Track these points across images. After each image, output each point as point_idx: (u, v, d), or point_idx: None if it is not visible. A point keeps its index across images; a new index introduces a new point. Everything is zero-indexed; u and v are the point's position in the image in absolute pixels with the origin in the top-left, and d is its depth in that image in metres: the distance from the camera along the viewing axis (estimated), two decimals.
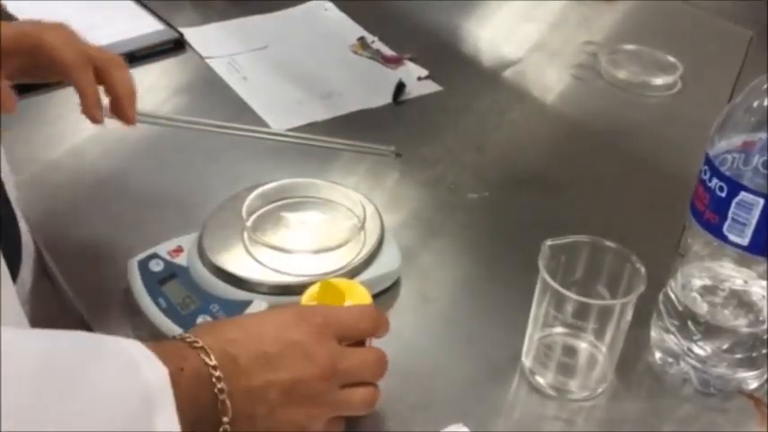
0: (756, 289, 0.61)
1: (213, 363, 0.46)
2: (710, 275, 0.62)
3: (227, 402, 0.46)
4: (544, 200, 0.82)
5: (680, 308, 0.62)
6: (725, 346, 0.60)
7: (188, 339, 0.47)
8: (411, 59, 1.04)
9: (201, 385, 0.46)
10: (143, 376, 0.42)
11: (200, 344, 0.47)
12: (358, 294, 0.58)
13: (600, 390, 0.61)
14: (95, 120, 0.67)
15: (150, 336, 0.61)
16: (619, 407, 0.61)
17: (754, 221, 0.54)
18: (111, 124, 0.80)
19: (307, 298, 0.58)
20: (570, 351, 0.62)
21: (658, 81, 1.02)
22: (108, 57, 0.67)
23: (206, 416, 0.46)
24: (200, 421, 0.45)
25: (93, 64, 0.66)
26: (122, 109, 0.68)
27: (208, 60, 1.03)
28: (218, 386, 0.46)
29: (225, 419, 0.46)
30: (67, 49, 0.65)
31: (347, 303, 0.57)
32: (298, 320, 0.51)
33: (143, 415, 0.41)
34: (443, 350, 0.65)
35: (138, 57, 1.01)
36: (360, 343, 0.56)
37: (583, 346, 0.62)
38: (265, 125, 0.91)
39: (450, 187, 0.83)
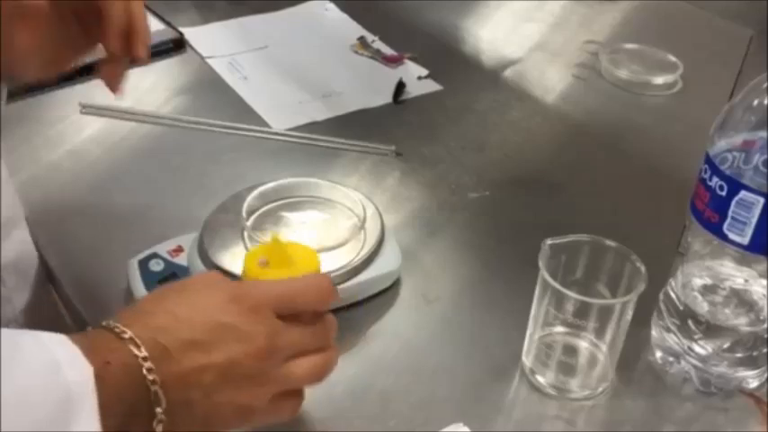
0: (757, 288, 0.61)
1: (143, 354, 0.44)
2: (711, 274, 0.62)
3: (160, 392, 0.45)
4: (545, 199, 0.82)
5: (680, 307, 0.62)
6: (725, 345, 0.60)
7: (116, 330, 0.45)
8: (411, 59, 1.04)
9: (131, 377, 0.44)
10: (63, 377, 0.41)
11: (129, 334, 0.45)
12: (306, 260, 0.55)
13: (600, 389, 0.61)
14: (116, 73, 0.65)
15: None
16: (619, 406, 0.61)
17: (754, 220, 0.54)
18: (112, 124, 0.81)
19: (250, 256, 0.55)
20: (571, 350, 0.62)
21: (659, 80, 1.02)
22: None
23: (139, 408, 0.44)
24: (133, 414, 0.44)
25: None
26: (136, 45, 0.63)
27: (208, 60, 1.03)
28: (150, 377, 0.44)
29: (158, 410, 0.45)
30: None
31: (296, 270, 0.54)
32: (229, 302, 0.48)
33: (60, 417, 0.40)
34: (444, 349, 0.65)
35: None
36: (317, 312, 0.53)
37: (583, 345, 0.62)
38: (266, 125, 0.91)
39: (451, 187, 0.83)
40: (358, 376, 0.62)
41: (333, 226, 0.70)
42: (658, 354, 0.64)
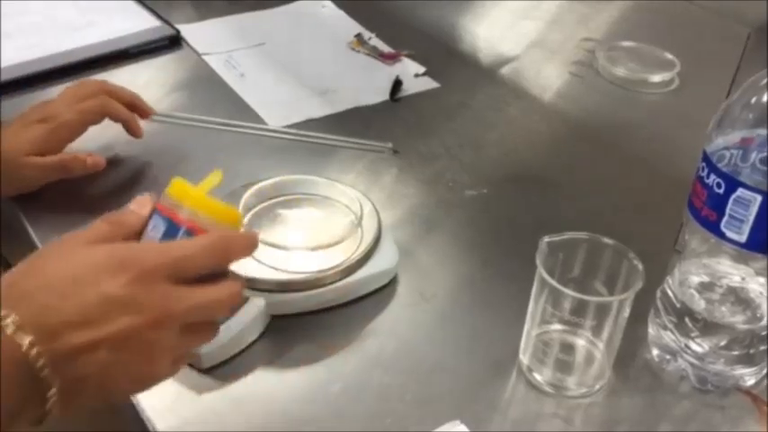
0: (754, 286, 0.61)
1: (29, 339, 0.42)
2: (708, 272, 0.62)
3: (50, 375, 0.43)
4: (542, 197, 0.82)
5: (677, 304, 0.62)
6: (722, 343, 0.60)
7: None
8: (408, 56, 1.04)
9: (17, 364, 0.42)
10: None
11: (10, 320, 0.43)
12: (219, 214, 0.51)
13: (597, 387, 0.61)
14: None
15: None
16: (616, 404, 0.61)
17: (751, 218, 0.54)
18: (107, 121, 0.80)
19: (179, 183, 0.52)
20: (568, 348, 0.62)
21: (656, 78, 1.02)
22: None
23: (29, 392, 0.43)
24: (24, 398, 0.43)
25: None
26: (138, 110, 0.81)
27: (204, 57, 1.03)
28: (39, 363, 0.42)
29: (51, 392, 0.43)
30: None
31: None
32: (114, 271, 0.45)
33: None
34: (441, 347, 0.65)
35: (134, 53, 1.01)
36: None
37: (580, 342, 0.62)
38: (262, 122, 0.90)
39: (448, 184, 0.83)
40: (355, 374, 0.62)
41: (330, 223, 0.70)
42: (655, 351, 0.64)
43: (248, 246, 0.51)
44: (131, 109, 0.81)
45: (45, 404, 0.43)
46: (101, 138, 0.82)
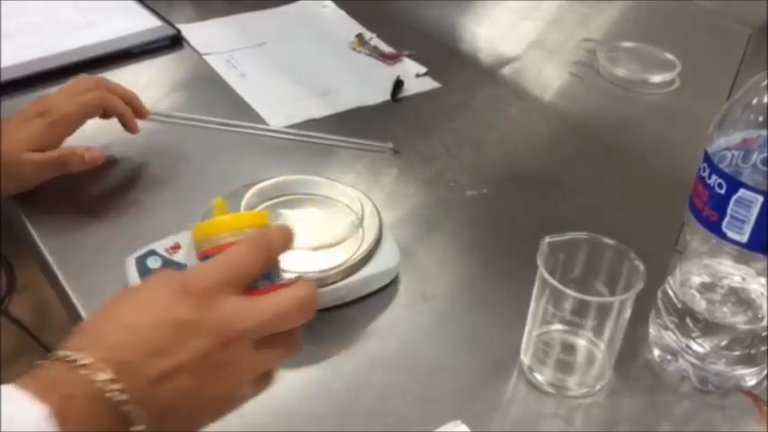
0: (755, 286, 0.61)
1: (108, 377, 0.42)
2: (709, 272, 0.62)
3: (133, 411, 0.43)
4: (543, 197, 0.82)
5: (678, 305, 0.62)
6: (723, 343, 0.60)
7: (70, 359, 0.43)
8: (409, 56, 1.04)
9: (99, 405, 0.42)
10: (18, 426, 0.39)
11: (87, 360, 0.42)
12: (252, 217, 0.52)
13: (598, 387, 0.61)
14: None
15: None
16: (617, 404, 0.61)
17: (752, 218, 0.54)
18: (108, 121, 0.80)
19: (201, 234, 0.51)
20: (569, 348, 0.62)
21: (657, 78, 1.02)
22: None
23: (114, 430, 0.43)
24: None
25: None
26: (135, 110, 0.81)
27: (205, 57, 1.03)
28: (120, 398, 0.42)
29: (137, 428, 0.43)
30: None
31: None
32: (179, 296, 0.46)
33: None
34: (442, 347, 0.65)
35: (135, 53, 1.01)
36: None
37: (581, 343, 0.62)
38: (263, 122, 0.90)
39: (449, 184, 0.83)
40: (356, 373, 0.62)
41: (331, 223, 0.70)
42: (656, 352, 0.64)
43: (285, 236, 0.50)
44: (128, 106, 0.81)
45: None
46: (101, 138, 0.82)
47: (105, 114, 0.79)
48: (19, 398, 0.40)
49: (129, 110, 0.80)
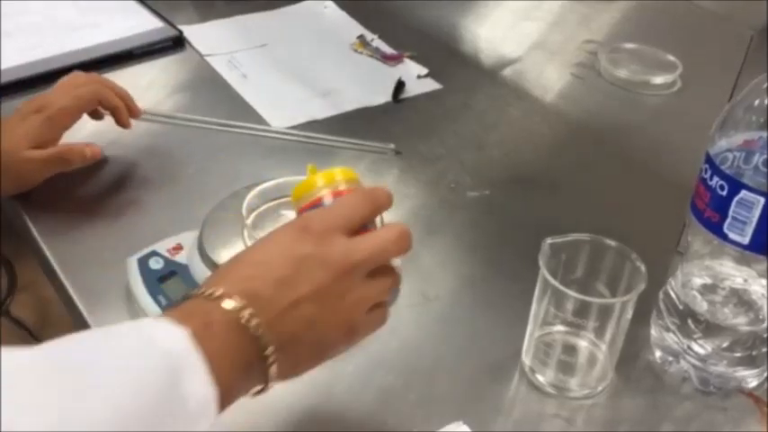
0: (756, 287, 0.61)
1: (239, 304, 0.47)
2: (710, 274, 0.62)
3: (266, 334, 0.47)
4: (544, 198, 0.82)
5: (680, 306, 0.62)
6: (725, 345, 0.60)
7: (206, 293, 0.47)
8: (411, 57, 1.04)
9: (234, 331, 0.46)
10: (160, 347, 0.43)
11: (220, 292, 0.47)
12: (346, 177, 0.57)
13: (600, 388, 0.61)
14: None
15: None
16: (619, 405, 0.61)
17: (754, 220, 0.54)
18: (110, 121, 0.81)
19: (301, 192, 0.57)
20: (570, 349, 0.62)
21: (658, 80, 1.02)
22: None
23: (253, 357, 0.47)
24: (249, 364, 0.47)
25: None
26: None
27: (207, 58, 1.03)
28: (252, 323, 0.46)
29: (269, 351, 0.47)
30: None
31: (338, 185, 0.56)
32: (299, 234, 0.51)
33: (171, 383, 0.42)
34: (443, 348, 0.65)
35: (137, 54, 1.01)
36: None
37: (583, 344, 0.62)
38: (265, 123, 0.90)
39: (450, 186, 0.83)
40: (357, 374, 0.62)
41: None
42: (658, 353, 0.64)
43: (388, 195, 0.55)
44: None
45: (267, 366, 0.47)
46: (102, 139, 0.82)
47: (96, 114, 0.80)
48: (160, 322, 0.45)
49: (122, 104, 0.81)
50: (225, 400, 0.45)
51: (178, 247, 0.67)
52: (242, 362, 0.46)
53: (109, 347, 0.43)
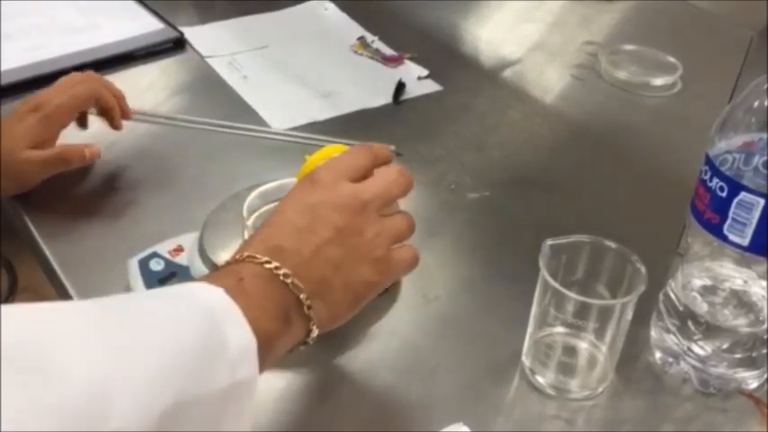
0: (756, 289, 0.61)
1: (265, 258, 0.49)
2: (711, 275, 0.62)
3: (297, 282, 0.49)
4: (544, 200, 0.82)
5: (680, 308, 0.62)
6: (725, 346, 0.60)
7: (234, 258, 0.50)
8: (411, 59, 1.04)
9: (266, 282, 0.49)
10: (199, 300, 0.45)
11: (246, 254, 0.50)
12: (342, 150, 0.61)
13: (600, 389, 0.61)
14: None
15: None
16: (619, 406, 0.61)
17: (754, 221, 0.54)
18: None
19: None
20: (570, 351, 0.62)
21: (658, 81, 1.02)
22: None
23: (288, 305, 0.49)
24: (286, 313, 0.49)
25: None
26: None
27: (208, 59, 1.03)
28: (281, 272, 0.49)
29: (303, 296, 0.49)
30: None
31: None
32: (309, 186, 0.54)
33: (212, 331, 0.44)
34: (444, 349, 0.65)
35: (138, 56, 1.01)
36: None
37: (583, 345, 0.62)
38: (265, 124, 0.91)
39: (451, 187, 0.83)
40: (358, 375, 0.62)
41: None
42: (658, 354, 0.64)
43: (385, 150, 0.59)
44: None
45: (304, 313, 0.49)
46: (103, 140, 0.82)
47: (82, 121, 0.81)
48: (196, 283, 0.48)
49: (116, 105, 0.81)
50: (267, 351, 0.46)
51: (179, 249, 0.67)
52: (278, 312, 0.48)
53: (155, 299, 0.46)
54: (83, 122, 0.81)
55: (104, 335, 0.41)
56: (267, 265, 0.49)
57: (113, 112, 0.80)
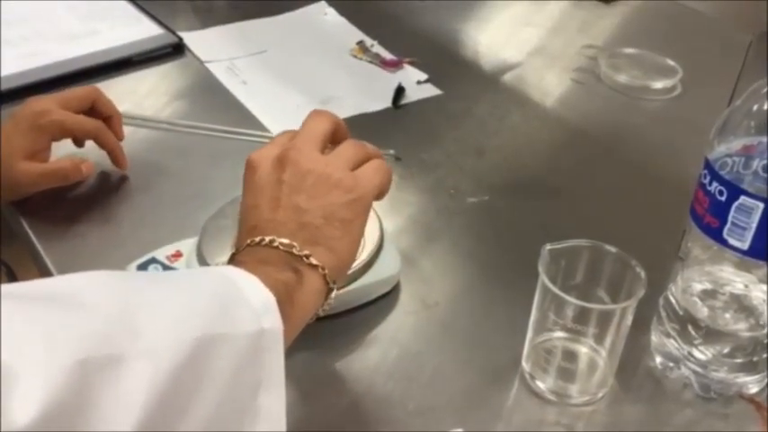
0: (756, 293, 0.61)
1: (247, 242, 0.52)
2: (711, 279, 0.62)
3: (282, 240, 0.51)
4: (544, 204, 0.82)
5: (680, 312, 0.62)
6: (725, 351, 0.60)
7: (235, 251, 0.53)
8: (411, 63, 1.04)
9: (259, 254, 0.51)
10: (210, 269, 0.51)
11: (247, 241, 0.52)
12: None
13: (600, 394, 0.61)
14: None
15: None
16: (619, 412, 0.61)
17: (754, 225, 0.54)
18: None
19: None
20: (570, 356, 0.62)
21: (658, 85, 1.02)
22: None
23: (289, 262, 0.50)
24: (291, 267, 0.50)
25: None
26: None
27: (207, 64, 1.03)
28: (266, 241, 0.51)
29: (295, 249, 0.51)
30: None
31: None
32: (274, 168, 0.55)
33: (229, 287, 0.47)
34: (443, 355, 0.65)
35: (137, 61, 1.01)
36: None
37: (583, 350, 0.62)
38: (265, 129, 0.90)
39: (450, 192, 0.83)
40: (356, 382, 0.62)
41: None
42: (658, 359, 0.64)
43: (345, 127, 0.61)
44: (108, 119, 0.81)
45: (307, 262, 0.50)
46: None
47: (78, 141, 0.80)
48: (205, 267, 0.54)
49: (120, 146, 0.81)
50: (289, 305, 0.48)
51: (177, 254, 0.67)
52: (283, 267, 0.50)
53: (167, 273, 0.51)
54: (79, 142, 0.81)
55: (129, 282, 0.45)
56: (252, 245, 0.51)
57: (116, 153, 0.80)
